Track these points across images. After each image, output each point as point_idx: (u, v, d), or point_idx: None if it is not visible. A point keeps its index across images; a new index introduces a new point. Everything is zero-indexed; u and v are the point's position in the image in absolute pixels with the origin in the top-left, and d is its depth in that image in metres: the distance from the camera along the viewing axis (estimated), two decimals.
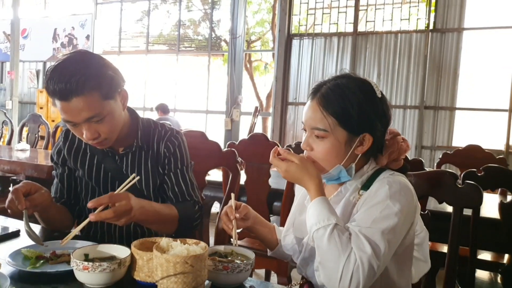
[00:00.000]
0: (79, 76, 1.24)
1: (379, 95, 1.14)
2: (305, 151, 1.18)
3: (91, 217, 1.13)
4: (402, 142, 1.21)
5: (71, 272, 1.04)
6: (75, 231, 1.19)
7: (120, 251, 1.10)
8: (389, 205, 1.05)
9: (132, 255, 1.05)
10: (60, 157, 1.57)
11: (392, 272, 1.13)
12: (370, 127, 1.12)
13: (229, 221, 1.23)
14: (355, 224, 1.06)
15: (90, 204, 1.14)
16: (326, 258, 1.03)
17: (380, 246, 1.01)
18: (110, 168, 1.50)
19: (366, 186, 1.13)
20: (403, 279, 1.16)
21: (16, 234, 1.41)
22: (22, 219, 1.26)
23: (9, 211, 1.29)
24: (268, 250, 1.42)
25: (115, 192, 1.19)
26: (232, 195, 1.26)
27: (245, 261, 1.10)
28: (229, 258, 1.13)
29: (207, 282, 1.05)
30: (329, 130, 1.12)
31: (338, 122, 1.12)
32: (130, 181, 1.23)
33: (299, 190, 1.38)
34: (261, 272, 3.18)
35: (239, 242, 1.18)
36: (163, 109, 6.56)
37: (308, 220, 1.10)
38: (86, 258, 1.07)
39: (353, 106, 1.11)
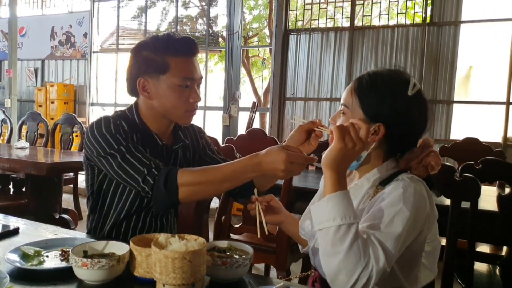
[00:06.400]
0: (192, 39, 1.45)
1: (410, 93, 1.14)
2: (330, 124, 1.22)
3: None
4: (430, 157, 1.15)
5: (70, 269, 1.04)
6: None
7: (119, 248, 1.11)
8: (402, 209, 1.04)
9: (131, 251, 1.06)
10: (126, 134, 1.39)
11: (400, 277, 1.12)
12: (386, 119, 1.12)
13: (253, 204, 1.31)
14: (368, 226, 1.04)
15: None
16: (342, 259, 0.99)
17: (393, 251, 1.01)
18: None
19: (384, 182, 1.13)
20: (410, 285, 1.15)
21: (15, 231, 1.42)
22: None
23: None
24: (300, 247, 1.48)
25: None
26: (255, 190, 1.34)
27: (243, 256, 1.10)
28: (228, 253, 1.14)
29: (205, 277, 1.06)
30: (350, 107, 1.17)
31: (359, 103, 1.15)
32: None
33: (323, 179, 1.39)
34: (261, 266, 3.20)
35: (238, 237, 1.19)
36: None
37: (331, 211, 1.02)
38: (85, 254, 1.08)
39: (376, 92, 1.14)
